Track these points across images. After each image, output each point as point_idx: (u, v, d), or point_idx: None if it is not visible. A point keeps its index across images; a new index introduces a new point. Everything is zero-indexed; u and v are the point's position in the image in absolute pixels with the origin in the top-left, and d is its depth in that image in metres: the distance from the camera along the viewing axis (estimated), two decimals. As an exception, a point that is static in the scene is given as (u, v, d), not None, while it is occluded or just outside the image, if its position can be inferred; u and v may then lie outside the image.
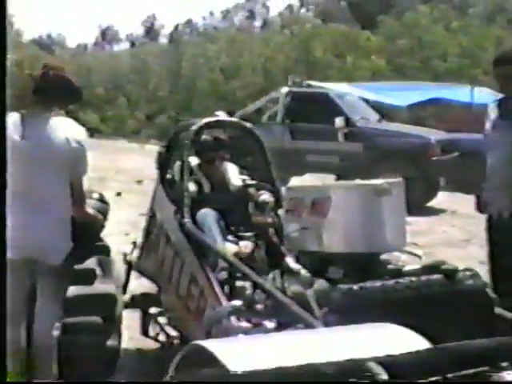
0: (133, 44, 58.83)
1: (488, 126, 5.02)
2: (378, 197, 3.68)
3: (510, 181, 4.77)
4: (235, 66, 30.36)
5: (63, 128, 4.12)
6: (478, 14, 34.26)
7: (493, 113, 4.99)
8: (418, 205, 11.03)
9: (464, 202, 8.91)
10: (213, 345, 2.50)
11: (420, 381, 2.66)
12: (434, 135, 12.60)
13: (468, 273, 3.60)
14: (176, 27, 60.82)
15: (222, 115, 5.90)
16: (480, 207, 5.05)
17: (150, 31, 64.41)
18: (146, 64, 35.06)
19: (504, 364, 3.19)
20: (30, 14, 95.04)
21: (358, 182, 4.03)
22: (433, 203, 12.18)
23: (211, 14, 63.43)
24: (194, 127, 5.19)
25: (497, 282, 4.53)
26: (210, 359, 2.42)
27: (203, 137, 5.30)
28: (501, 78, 4.89)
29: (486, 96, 13.26)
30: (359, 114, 13.46)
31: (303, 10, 55.60)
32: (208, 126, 5.34)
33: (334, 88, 14.66)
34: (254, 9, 62.29)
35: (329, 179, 12.21)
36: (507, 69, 4.83)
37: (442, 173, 11.84)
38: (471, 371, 3.03)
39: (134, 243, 5.60)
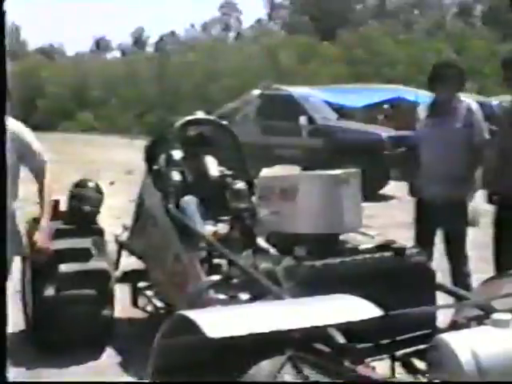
0: (123, 53, 58.31)
1: (419, 123, 5.09)
2: (338, 185, 3.67)
3: (441, 171, 4.83)
4: (213, 72, 30.24)
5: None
6: (421, 28, 34.41)
7: (423, 112, 5.06)
8: (371, 192, 11.08)
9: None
10: (194, 314, 2.48)
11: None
12: (385, 132, 12.63)
13: (414, 250, 3.62)
14: (161, 38, 60.39)
15: (201, 114, 5.85)
16: (412, 192, 5.12)
17: (138, 41, 63.93)
18: (135, 70, 34.80)
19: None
20: (33, 24, 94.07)
21: (321, 172, 4.01)
22: (384, 191, 12.24)
23: (192, 26, 63.11)
24: (178, 124, 5.20)
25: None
26: (192, 327, 2.40)
27: (187, 132, 5.27)
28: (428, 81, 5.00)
29: (428, 98, 13.31)
30: (320, 113, 13.47)
31: (271, 24, 55.47)
32: (189, 123, 5.33)
33: (299, 91, 14.64)
34: (229, 22, 62.05)
35: (295, 171, 12.19)
36: (431, 73, 4.99)
37: (391, 165, 11.88)
38: (416, 334, 3.05)
39: (125, 226, 5.56)
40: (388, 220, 9.07)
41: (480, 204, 5.21)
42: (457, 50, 28.07)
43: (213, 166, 5.22)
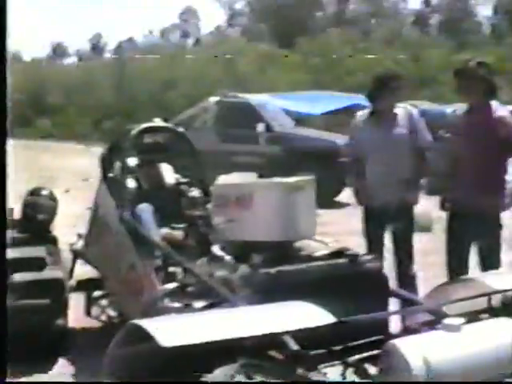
0: (80, 58, 57.82)
1: (356, 131, 5.18)
2: (293, 193, 3.70)
3: (387, 177, 4.92)
4: (172, 79, 30.14)
5: None
6: (379, 37, 34.82)
7: (362, 121, 5.15)
8: (327, 199, 11.16)
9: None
10: (147, 323, 2.48)
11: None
12: (341, 140, 12.72)
13: (367, 257, 3.66)
14: (119, 44, 60.02)
15: (158, 121, 5.82)
16: (359, 200, 5.19)
17: (96, 47, 63.47)
18: (93, 76, 34.51)
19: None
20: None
21: (277, 179, 4.04)
22: (340, 198, 12.33)
23: (150, 32, 62.81)
24: (134, 132, 5.18)
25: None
26: (145, 336, 2.40)
27: (142, 139, 5.26)
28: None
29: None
30: (278, 120, 13.53)
31: (230, 31, 55.56)
32: (146, 130, 5.31)
33: (257, 98, 14.69)
34: (187, 29, 61.95)
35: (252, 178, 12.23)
36: (373, 83, 5.10)
37: (347, 172, 11.94)
38: (369, 340, 3.09)
39: (80, 234, 5.51)
40: (344, 227, 9.12)
41: (433, 210, 5.31)
42: (413, 59, 28.45)
43: (168, 174, 5.21)
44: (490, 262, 4.61)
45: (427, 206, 5.77)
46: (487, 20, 51.61)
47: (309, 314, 2.61)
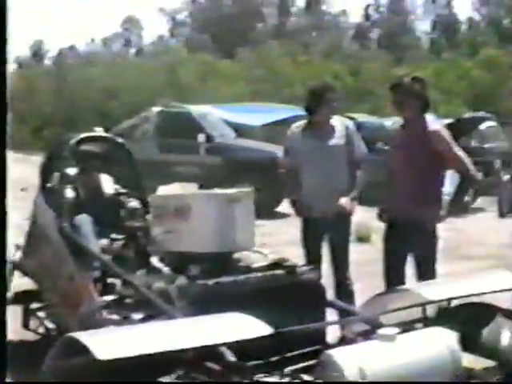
0: (20, 65, 56.84)
1: (292, 143, 5.24)
2: (231, 204, 3.71)
3: (324, 188, 4.98)
4: (113, 88, 29.90)
5: None
6: (319, 50, 35.21)
7: (298, 133, 5.21)
8: (267, 210, 11.22)
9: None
10: (84, 336, 2.45)
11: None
12: (281, 151, 12.76)
13: (305, 268, 3.69)
14: (60, 51, 59.20)
15: (99, 131, 5.79)
16: (297, 210, 5.23)
17: (37, 54, 62.48)
18: (33, 83, 33.97)
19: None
20: None
21: (216, 191, 4.05)
22: (280, 208, 12.39)
23: (92, 40, 62.16)
24: (73, 141, 5.14)
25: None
26: (82, 349, 2.37)
27: (81, 149, 5.21)
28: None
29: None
30: (218, 131, 13.55)
31: (172, 41, 55.45)
32: (85, 140, 5.27)
33: (198, 109, 14.68)
34: (130, 38, 61.55)
35: (192, 188, 12.25)
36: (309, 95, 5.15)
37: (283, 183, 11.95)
38: (306, 350, 3.11)
39: (17, 245, 5.41)
40: (284, 237, 9.18)
41: (371, 221, 5.39)
42: (352, 72, 28.88)
43: (107, 184, 5.17)
44: (426, 272, 4.70)
45: (366, 217, 5.85)
46: (425, 35, 52.80)
47: (245, 326, 2.62)
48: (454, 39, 42.97)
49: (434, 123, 4.88)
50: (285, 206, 12.26)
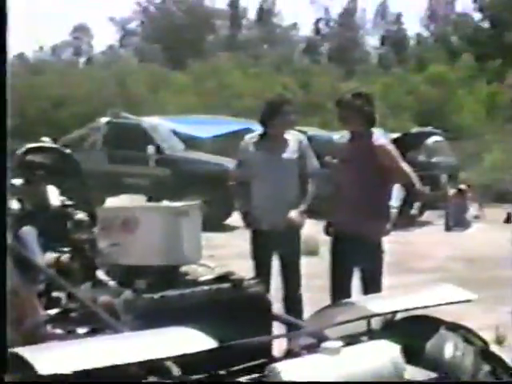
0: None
1: (244, 155, 5.28)
2: (178, 217, 3.71)
3: (275, 201, 5.02)
4: (62, 97, 29.55)
5: None
6: (269, 62, 35.42)
7: (251, 145, 5.25)
8: (216, 222, 11.23)
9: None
10: (26, 352, 2.43)
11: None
12: (231, 163, 12.77)
13: (252, 281, 3.71)
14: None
15: (46, 141, 5.72)
16: (247, 223, 5.26)
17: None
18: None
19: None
20: None
21: (164, 203, 4.04)
22: (229, 221, 12.41)
23: (41, 48, 61.37)
24: (19, 151, 5.09)
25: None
26: (24, 365, 2.35)
27: (27, 160, 5.15)
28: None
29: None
30: (168, 143, 13.53)
31: (123, 50, 55.13)
32: (32, 150, 5.22)
33: (148, 120, 14.64)
34: (80, 46, 60.97)
35: (141, 200, 12.19)
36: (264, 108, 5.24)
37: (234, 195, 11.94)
38: (252, 363, 3.13)
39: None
40: (232, 250, 9.20)
41: (320, 234, 5.45)
42: (302, 85, 29.10)
43: (54, 196, 5.11)
44: (372, 285, 4.76)
45: (314, 230, 5.91)
46: (375, 50, 53.58)
47: (190, 340, 2.63)
48: (402, 54, 43.67)
49: (381, 138, 4.97)
50: (234, 219, 12.30)
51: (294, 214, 5.09)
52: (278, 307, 4.61)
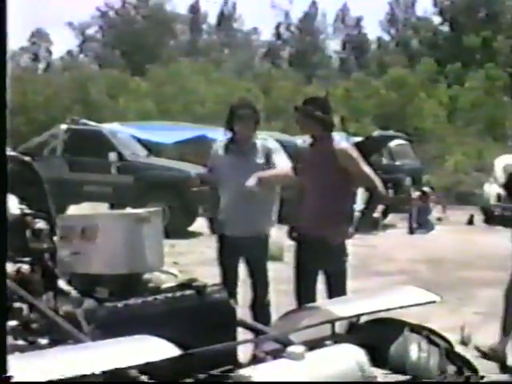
0: None
1: (214, 160, 5.28)
2: (139, 224, 3.68)
3: (241, 208, 5.02)
4: (20, 104, 29.21)
5: None
6: (231, 68, 35.49)
7: (220, 150, 5.25)
8: (179, 229, 11.19)
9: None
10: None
11: None
12: (194, 169, 12.77)
13: (215, 288, 3.70)
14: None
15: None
16: (213, 229, 5.26)
17: None
18: None
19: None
20: None
21: (125, 210, 4.01)
22: (193, 227, 12.38)
23: (-3, 55, 60.51)
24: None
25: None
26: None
27: None
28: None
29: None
30: (130, 149, 13.45)
31: (82, 56, 54.71)
32: None
33: (108, 126, 14.55)
34: (38, 52, 60.33)
35: (103, 208, 12.11)
36: (229, 113, 5.20)
37: (199, 202, 12.00)
38: (218, 370, 3.12)
39: None
40: (196, 257, 9.18)
41: (284, 239, 5.46)
42: (264, 90, 29.20)
43: (12, 204, 5.04)
44: (336, 289, 4.78)
45: (278, 235, 5.93)
46: (336, 54, 54.01)
47: (154, 348, 2.61)
48: (363, 58, 44.12)
49: (342, 141, 5.00)
50: (198, 225, 12.28)
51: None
52: (245, 313, 4.61)
